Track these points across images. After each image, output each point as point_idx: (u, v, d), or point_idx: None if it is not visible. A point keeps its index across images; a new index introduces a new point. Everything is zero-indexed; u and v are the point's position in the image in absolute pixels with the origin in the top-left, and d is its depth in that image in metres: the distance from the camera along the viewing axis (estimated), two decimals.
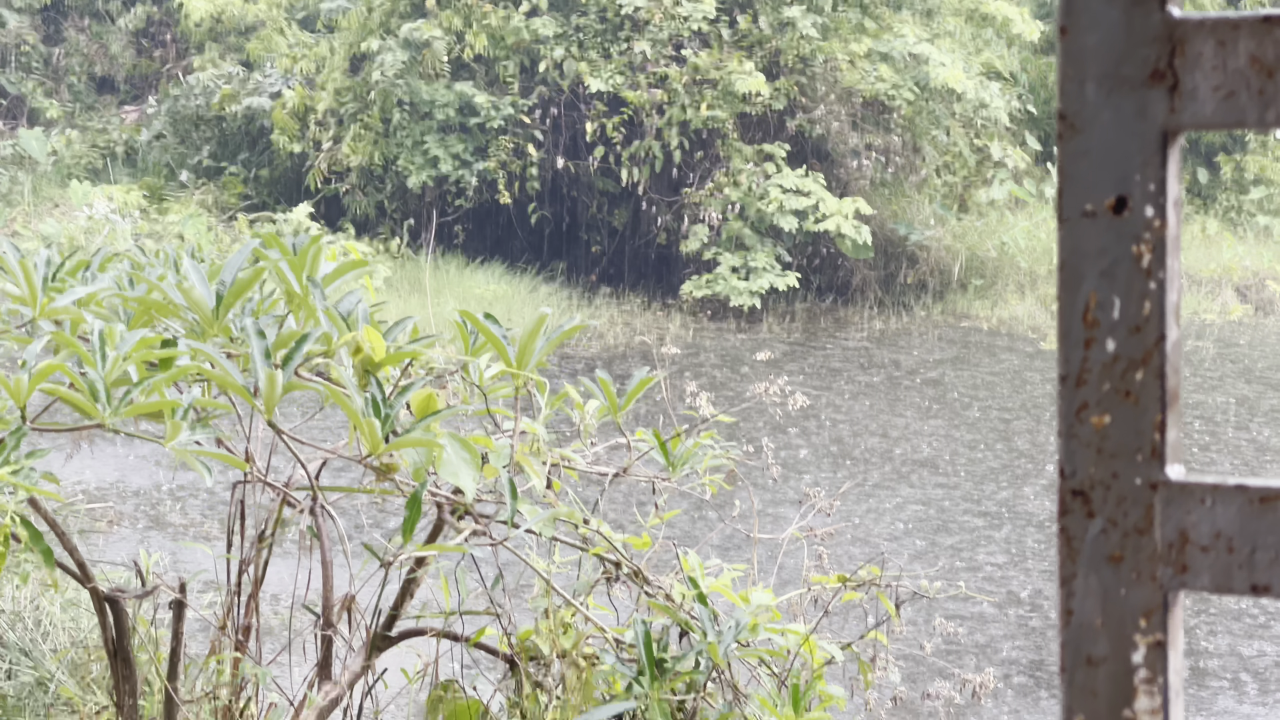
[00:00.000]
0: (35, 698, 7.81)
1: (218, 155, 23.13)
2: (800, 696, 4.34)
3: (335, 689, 4.56)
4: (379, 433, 3.91)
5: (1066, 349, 1.26)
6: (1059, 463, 1.26)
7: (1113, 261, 1.24)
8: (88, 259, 4.81)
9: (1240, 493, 1.21)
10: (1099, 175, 1.24)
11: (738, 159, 21.19)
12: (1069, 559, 1.26)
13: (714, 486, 4.80)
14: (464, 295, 19.63)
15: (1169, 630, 1.24)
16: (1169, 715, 1.23)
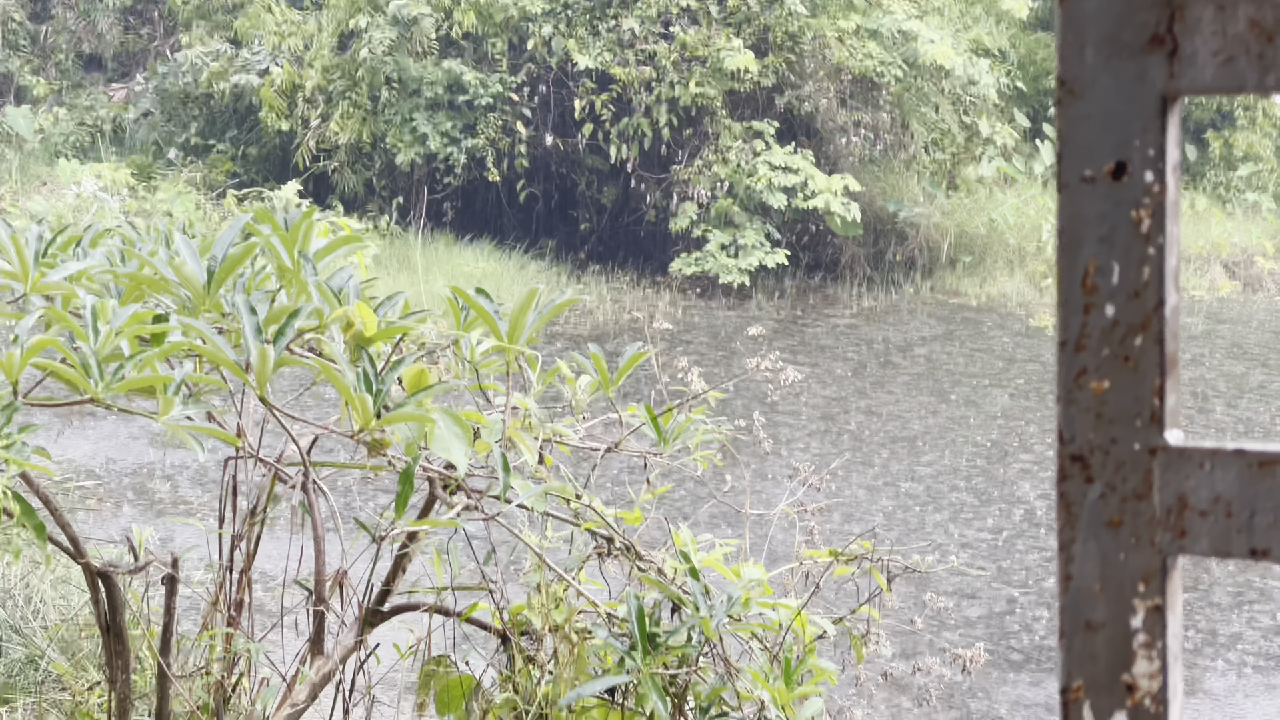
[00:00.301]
0: (26, 675, 7.81)
1: (205, 133, 23.08)
2: (792, 671, 4.34)
3: (328, 664, 4.56)
4: (371, 408, 3.91)
5: (1065, 314, 1.26)
6: (1058, 428, 1.26)
7: (1112, 227, 1.24)
8: (79, 235, 4.80)
9: (1239, 457, 1.21)
10: (1098, 141, 1.24)
11: (726, 136, 21.17)
12: (1068, 524, 1.26)
13: (705, 462, 4.80)
14: (453, 272, 19.61)
15: (1168, 595, 1.24)
16: (1167, 679, 1.24)
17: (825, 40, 21.64)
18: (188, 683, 4.71)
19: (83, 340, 3.72)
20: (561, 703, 4.31)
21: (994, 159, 23.89)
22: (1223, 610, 10.98)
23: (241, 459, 4.60)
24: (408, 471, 3.96)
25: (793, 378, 4.84)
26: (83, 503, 11.80)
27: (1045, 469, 14.20)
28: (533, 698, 4.38)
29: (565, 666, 4.32)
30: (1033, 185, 24.18)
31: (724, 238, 20.86)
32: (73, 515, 11.15)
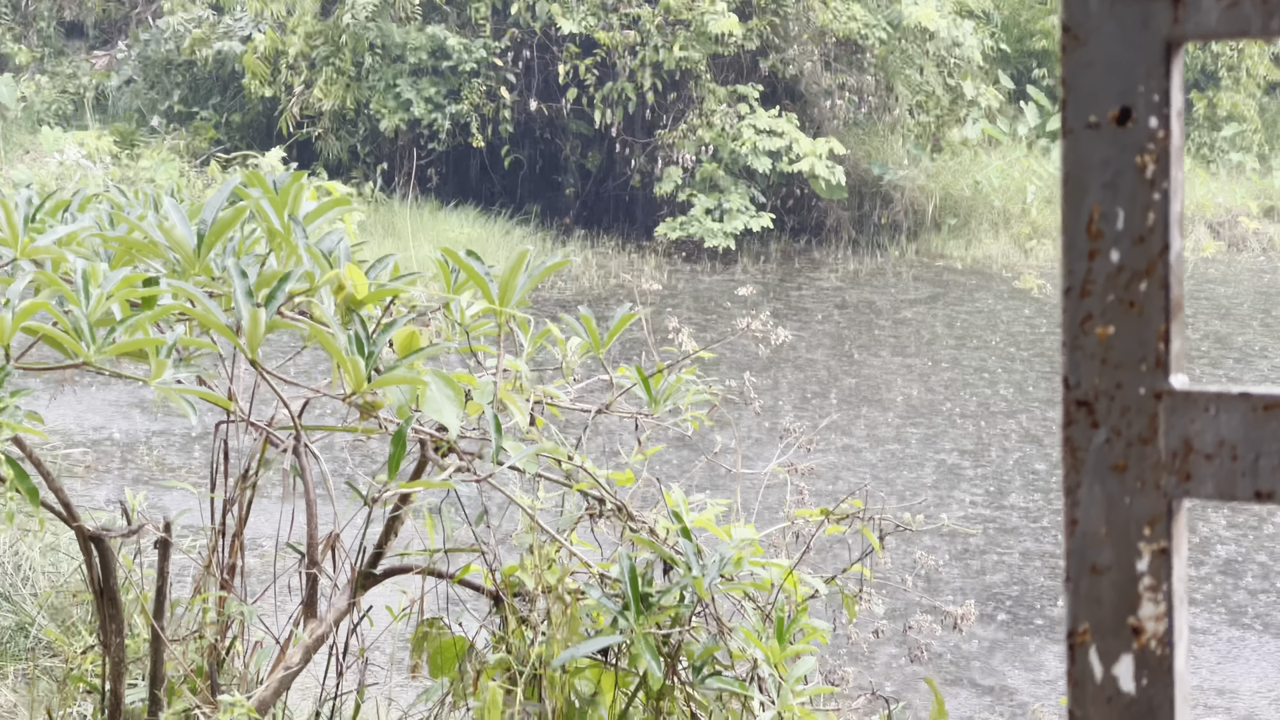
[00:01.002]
0: (16, 642, 7.82)
1: (189, 100, 23.01)
2: (785, 629, 4.36)
3: (321, 627, 4.56)
4: (363, 370, 3.91)
5: (1070, 260, 1.26)
6: (1063, 373, 1.27)
7: (1116, 173, 1.24)
8: (67, 200, 4.79)
9: (1244, 400, 1.22)
10: (1103, 86, 1.24)
11: (711, 100, 21.14)
12: (1074, 469, 1.27)
13: (695, 423, 4.81)
14: (438, 238, 19.59)
15: (1173, 538, 1.25)
16: (1173, 622, 1.25)
17: (809, 3, 21.60)
18: (181, 646, 4.71)
19: (74, 304, 3.71)
20: (555, 663, 4.32)
21: (978, 121, 23.89)
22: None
23: (233, 423, 4.60)
24: (400, 433, 3.96)
25: (784, 337, 4.84)
26: (71, 470, 11.79)
27: (1032, 429, 14.23)
28: (526, 658, 4.39)
29: (558, 627, 4.33)
30: (1017, 147, 24.18)
31: (709, 202, 20.86)
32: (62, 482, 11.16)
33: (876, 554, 4.68)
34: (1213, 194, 24.39)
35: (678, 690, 4.44)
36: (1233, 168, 25.91)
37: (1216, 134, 26.43)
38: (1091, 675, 1.27)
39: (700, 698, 4.45)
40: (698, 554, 4.40)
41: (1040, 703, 8.87)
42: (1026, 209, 22.83)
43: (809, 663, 4.37)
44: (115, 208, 4.70)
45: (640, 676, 4.45)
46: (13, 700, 6.75)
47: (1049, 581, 10.72)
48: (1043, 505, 12.15)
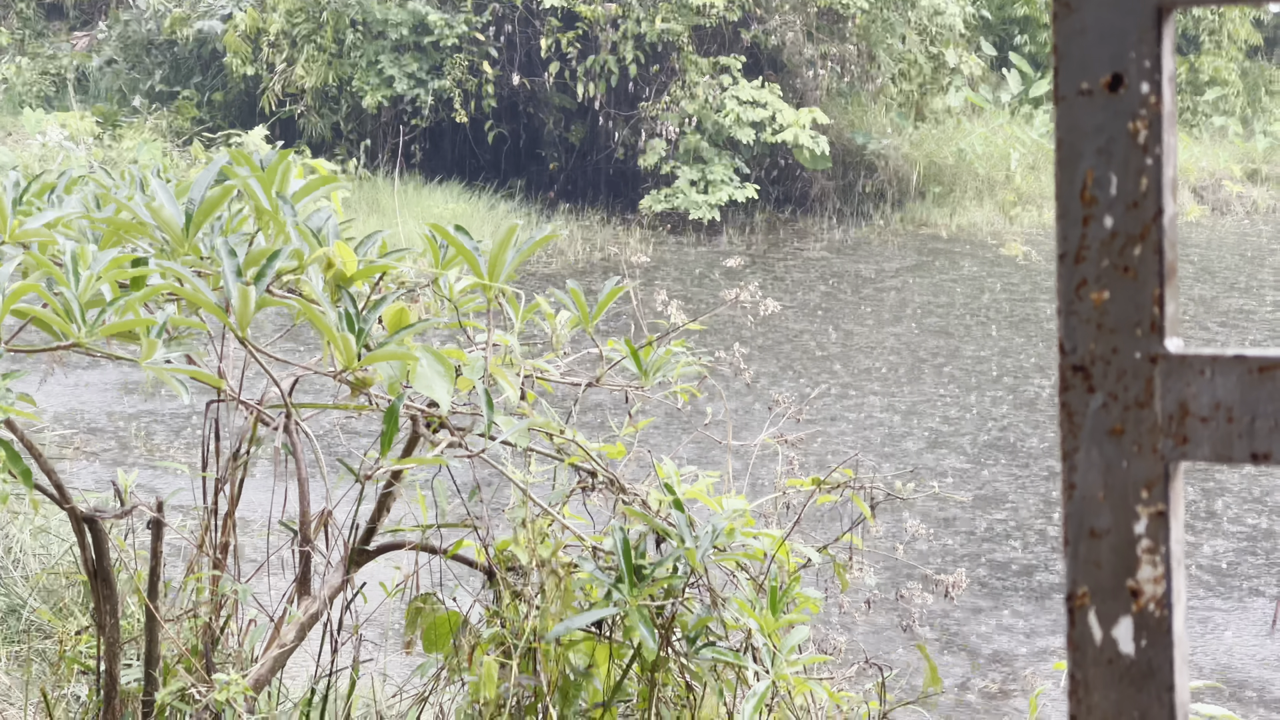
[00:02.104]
0: (9, 624, 7.83)
1: (170, 80, 22.95)
2: (778, 599, 4.37)
3: (315, 604, 4.57)
4: (354, 347, 3.91)
5: (1065, 226, 1.27)
6: (1059, 339, 1.28)
7: (1109, 139, 1.25)
8: (53, 182, 4.78)
9: (1239, 363, 1.23)
10: (1094, 53, 1.25)
11: (693, 72, 21.12)
12: (1071, 434, 1.28)
13: (685, 395, 4.82)
14: (423, 214, 19.56)
15: (1170, 501, 1.26)
16: (1171, 584, 1.26)
17: None
18: (176, 625, 4.72)
19: (64, 285, 3.71)
20: (549, 636, 4.33)
21: (961, 89, 23.88)
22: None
23: (223, 402, 4.60)
24: (392, 410, 3.96)
25: (772, 308, 4.85)
26: (63, 451, 11.78)
27: (1020, 395, 14.26)
28: (520, 632, 4.40)
29: (552, 600, 4.34)
30: (1000, 114, 24.18)
31: (693, 174, 20.84)
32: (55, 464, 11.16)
33: (869, 523, 4.70)
34: (1196, 158, 24.42)
35: (672, 661, 4.45)
36: (1215, 131, 25.94)
37: (1199, 98, 26.45)
38: (1091, 638, 1.28)
39: (695, 668, 4.46)
40: (690, 525, 4.42)
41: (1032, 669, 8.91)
42: (1010, 176, 22.85)
43: (802, 632, 4.38)
44: (102, 189, 4.70)
45: (635, 648, 4.46)
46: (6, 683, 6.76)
47: (1040, 548, 10.75)
48: (1031, 471, 12.19)
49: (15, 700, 6.17)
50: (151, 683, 4.57)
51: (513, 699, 4.41)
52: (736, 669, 4.49)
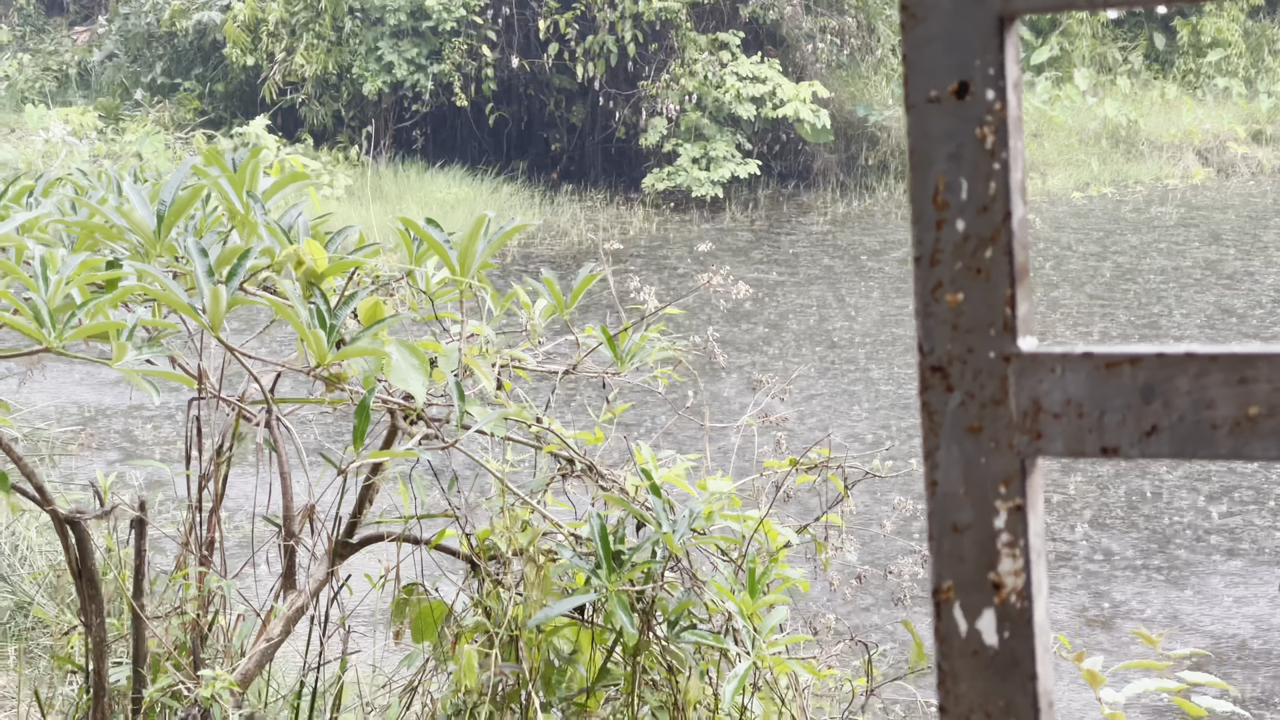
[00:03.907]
0: (16, 621, 7.88)
1: (171, 72, 22.99)
2: (757, 580, 4.41)
3: (300, 598, 4.62)
4: (325, 343, 3.95)
5: (919, 231, 1.30)
6: (918, 340, 1.31)
7: (959, 145, 1.28)
8: (31, 185, 4.82)
9: (1087, 360, 1.26)
10: (941, 62, 1.28)
11: (692, 49, 21.12)
12: (931, 432, 1.31)
13: (665, 379, 4.85)
14: (426, 200, 19.60)
15: (1028, 495, 1.29)
16: (1031, 576, 1.29)
17: None
18: (164, 622, 4.76)
19: (34, 291, 3.75)
20: (530, 624, 4.37)
21: None
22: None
23: (204, 399, 4.64)
24: (364, 404, 4.00)
25: (744, 291, 4.88)
26: (64, 448, 11.84)
27: None
28: (502, 620, 4.44)
29: (532, 588, 4.38)
30: None
31: (695, 151, 20.86)
32: (52, 462, 11.22)
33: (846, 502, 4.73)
34: (1199, 120, 24.38)
35: (654, 645, 4.49)
36: (1219, 93, 25.88)
37: (1201, 60, 26.40)
38: (956, 630, 1.31)
39: (677, 651, 4.50)
40: (670, 509, 4.45)
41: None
42: None
43: (781, 613, 4.42)
44: (79, 191, 4.74)
45: (617, 633, 4.50)
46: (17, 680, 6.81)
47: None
48: None
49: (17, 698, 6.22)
50: (140, 680, 4.62)
51: (496, 687, 4.45)
52: (719, 651, 4.53)
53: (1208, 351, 1.23)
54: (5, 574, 8.41)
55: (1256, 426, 1.21)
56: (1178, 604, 9.41)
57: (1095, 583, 9.74)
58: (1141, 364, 1.24)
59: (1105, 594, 9.58)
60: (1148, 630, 8.77)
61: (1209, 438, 1.23)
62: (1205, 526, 10.55)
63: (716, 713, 4.57)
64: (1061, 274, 17.73)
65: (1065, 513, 10.84)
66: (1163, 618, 9.18)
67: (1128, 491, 11.16)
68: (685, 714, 4.59)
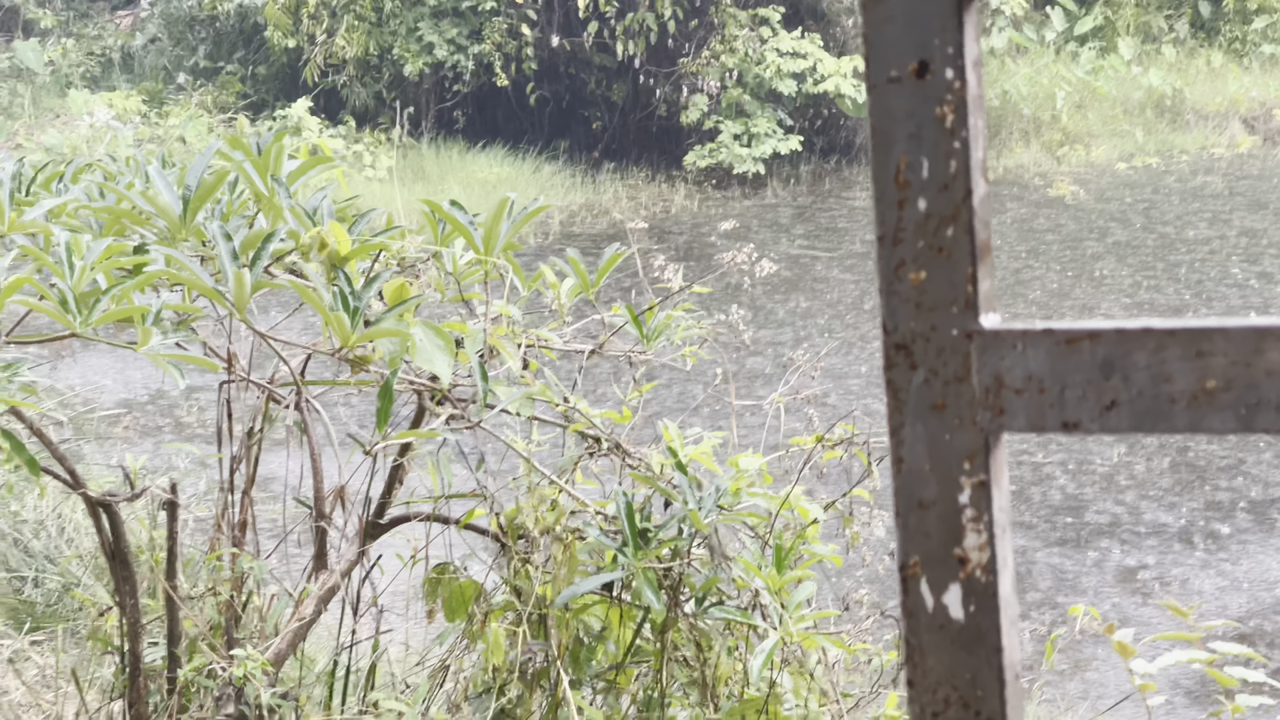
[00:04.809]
0: (64, 603, 7.95)
1: (214, 55, 23.08)
2: (784, 556, 4.42)
3: (331, 578, 4.65)
4: (348, 326, 3.98)
5: (882, 210, 1.32)
6: (881, 319, 1.32)
7: (919, 124, 1.29)
8: (60, 170, 4.86)
9: (1048, 336, 1.27)
10: (902, 42, 1.29)
11: (733, 25, 21.08)
12: (896, 410, 1.33)
13: (693, 358, 4.87)
14: (468, 180, 19.63)
15: (991, 471, 1.30)
16: (995, 550, 1.30)
17: None
18: (198, 603, 4.81)
19: (59, 277, 3.79)
20: (556, 602, 4.40)
21: (1004, 29, 23.75)
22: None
23: (234, 382, 4.68)
24: (387, 385, 4.03)
25: (768, 269, 4.89)
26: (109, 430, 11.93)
27: None
28: (530, 598, 4.47)
29: (559, 566, 4.41)
30: (1045, 53, 24.04)
31: (736, 128, 20.83)
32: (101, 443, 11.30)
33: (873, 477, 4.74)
34: (1246, 88, 24.21)
35: (681, 621, 4.51)
36: (1265, 60, 25.69)
37: (1247, 27, 26.20)
38: (923, 605, 1.33)
39: (704, 627, 4.52)
40: (697, 486, 4.47)
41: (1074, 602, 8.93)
42: (1056, 115, 22.73)
43: (808, 588, 4.43)
44: (108, 177, 4.77)
45: (644, 609, 4.52)
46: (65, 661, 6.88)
47: (1088, 489, 10.76)
48: None
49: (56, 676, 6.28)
50: (175, 660, 4.66)
51: (525, 665, 4.48)
52: (747, 627, 4.54)
53: (1165, 326, 1.24)
54: (53, 555, 8.49)
55: (1213, 399, 1.22)
56: (1218, 576, 9.38)
57: (1138, 553, 9.72)
58: (1101, 339, 1.25)
59: (1148, 565, 9.56)
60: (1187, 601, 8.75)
61: (1167, 411, 1.24)
62: (1253, 498, 10.51)
63: (745, 688, 4.59)
64: (1106, 245, 17.66)
65: (1108, 484, 10.81)
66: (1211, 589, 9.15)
67: (1173, 464, 11.13)
68: (715, 690, 4.61)
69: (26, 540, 8.60)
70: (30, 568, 8.39)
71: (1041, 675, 8.10)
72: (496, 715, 4.47)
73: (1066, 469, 11.11)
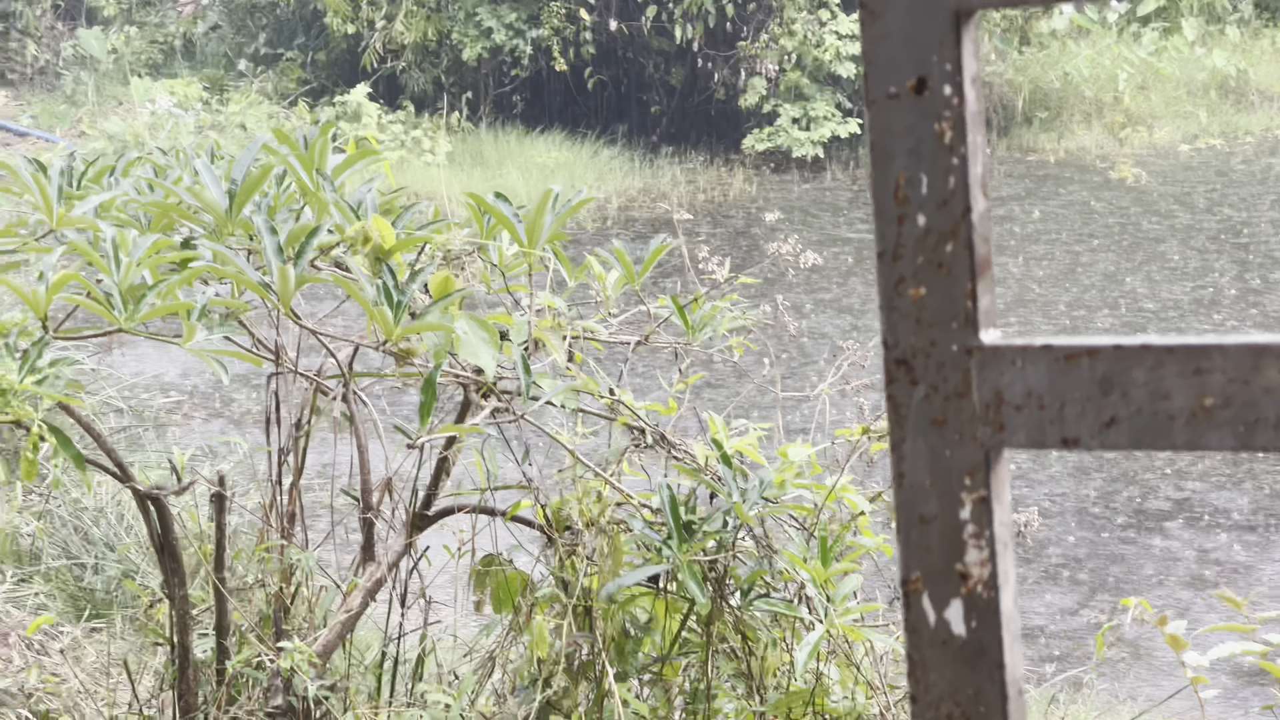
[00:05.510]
0: (122, 590, 8.02)
1: (274, 42, 23.18)
2: (829, 549, 4.42)
3: (379, 570, 4.68)
4: (391, 320, 4.00)
5: (881, 225, 1.31)
6: (882, 335, 1.32)
7: (918, 140, 1.29)
8: (111, 164, 4.90)
9: (1047, 352, 1.27)
10: (900, 58, 1.29)
11: (791, 8, 21.03)
12: (897, 425, 1.33)
13: (740, 349, 4.87)
14: (526, 164, 19.66)
15: (993, 487, 1.30)
16: (997, 566, 1.30)
17: None
18: (246, 595, 4.84)
19: (106, 273, 3.82)
20: (601, 594, 4.41)
21: (1065, 11, 23.61)
22: None
23: (283, 374, 4.71)
24: (430, 380, 4.05)
25: (812, 260, 4.88)
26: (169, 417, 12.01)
27: (1130, 320, 14.15)
28: (575, 591, 4.48)
29: (604, 559, 4.42)
30: (1107, 34, 23.88)
31: (795, 111, 20.79)
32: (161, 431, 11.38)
33: None
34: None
35: (727, 613, 4.52)
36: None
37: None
38: (925, 621, 1.33)
39: (748, 620, 4.53)
40: (743, 478, 4.47)
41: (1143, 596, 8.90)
42: (1119, 97, 22.58)
43: (854, 580, 4.42)
44: (157, 172, 4.81)
45: (691, 602, 4.53)
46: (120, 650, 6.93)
47: (1148, 475, 10.70)
48: None
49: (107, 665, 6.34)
50: (224, 652, 4.70)
51: (571, 657, 4.50)
52: (791, 620, 4.55)
53: (1163, 343, 1.23)
54: (112, 543, 8.56)
55: (1212, 417, 1.22)
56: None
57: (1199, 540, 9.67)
58: (1099, 356, 1.25)
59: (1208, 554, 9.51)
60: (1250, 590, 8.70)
61: (1166, 428, 1.24)
62: None
63: (792, 679, 4.59)
64: (1169, 228, 17.55)
65: (1170, 471, 10.76)
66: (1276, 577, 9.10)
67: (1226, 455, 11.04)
68: (763, 681, 4.62)
69: (86, 527, 8.68)
70: (90, 555, 8.46)
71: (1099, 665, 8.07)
72: (542, 707, 4.48)
73: (1132, 454, 11.05)
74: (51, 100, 22.86)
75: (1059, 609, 8.94)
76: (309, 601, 4.89)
